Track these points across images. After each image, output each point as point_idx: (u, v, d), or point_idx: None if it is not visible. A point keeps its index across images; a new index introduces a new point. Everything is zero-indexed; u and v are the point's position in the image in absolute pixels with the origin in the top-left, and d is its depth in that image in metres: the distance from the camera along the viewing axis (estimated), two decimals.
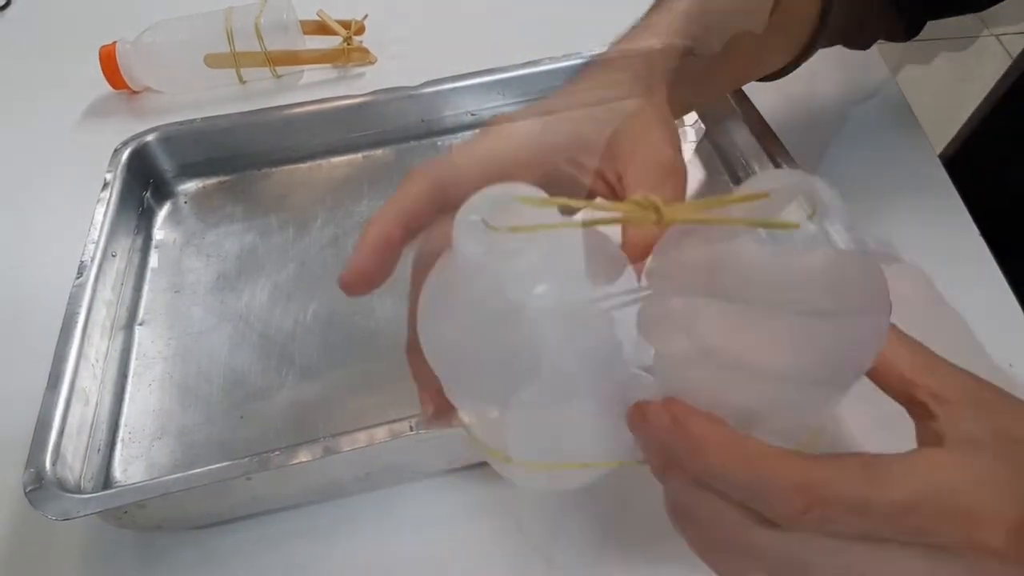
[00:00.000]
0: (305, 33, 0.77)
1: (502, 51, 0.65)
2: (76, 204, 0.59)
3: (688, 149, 0.63)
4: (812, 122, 0.63)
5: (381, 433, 0.41)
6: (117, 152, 0.60)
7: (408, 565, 0.42)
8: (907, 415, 0.27)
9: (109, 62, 0.72)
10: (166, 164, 0.63)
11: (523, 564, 0.41)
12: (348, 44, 0.75)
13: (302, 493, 0.44)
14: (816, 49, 0.50)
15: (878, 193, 0.57)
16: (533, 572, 0.41)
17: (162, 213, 0.62)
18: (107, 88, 0.74)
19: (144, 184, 0.61)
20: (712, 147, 0.62)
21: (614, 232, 0.28)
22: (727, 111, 0.59)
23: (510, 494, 0.43)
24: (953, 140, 0.77)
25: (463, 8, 0.82)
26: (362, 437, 0.41)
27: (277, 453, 0.40)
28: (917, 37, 0.54)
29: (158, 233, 0.60)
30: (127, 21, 0.75)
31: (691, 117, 0.64)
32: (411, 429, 0.40)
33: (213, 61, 0.72)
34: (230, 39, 0.72)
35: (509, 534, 0.42)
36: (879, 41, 0.56)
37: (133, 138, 0.61)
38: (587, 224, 0.23)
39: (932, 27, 0.56)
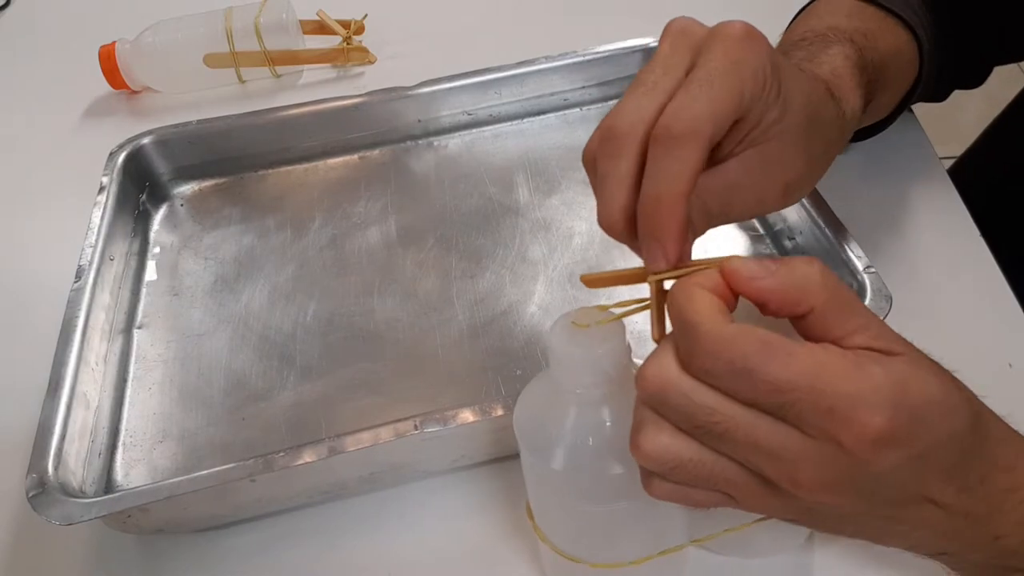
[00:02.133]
0: (305, 33, 0.77)
1: (502, 50, 0.65)
2: (75, 206, 0.59)
3: None
4: None
5: (386, 433, 0.41)
6: (113, 155, 0.60)
7: (411, 564, 0.42)
8: None
9: (108, 62, 0.72)
10: (162, 167, 0.63)
11: (525, 562, 0.41)
12: (347, 44, 0.75)
13: (305, 494, 0.44)
14: (910, 103, 0.51)
15: (879, 194, 0.57)
16: (535, 570, 0.41)
17: (159, 216, 0.62)
18: (107, 88, 0.74)
19: (140, 187, 0.61)
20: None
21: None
22: None
23: (513, 492, 0.44)
24: (957, 143, 0.77)
25: (462, 8, 0.82)
26: (366, 437, 0.41)
27: (281, 454, 0.40)
28: None
29: (155, 236, 0.60)
30: (127, 21, 0.75)
31: None
32: (415, 428, 0.41)
33: (212, 61, 0.72)
34: (230, 39, 0.72)
35: (512, 532, 0.42)
36: None
37: (128, 141, 0.61)
38: (621, 316, 0.30)
39: None
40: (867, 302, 0.44)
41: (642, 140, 0.30)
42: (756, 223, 0.56)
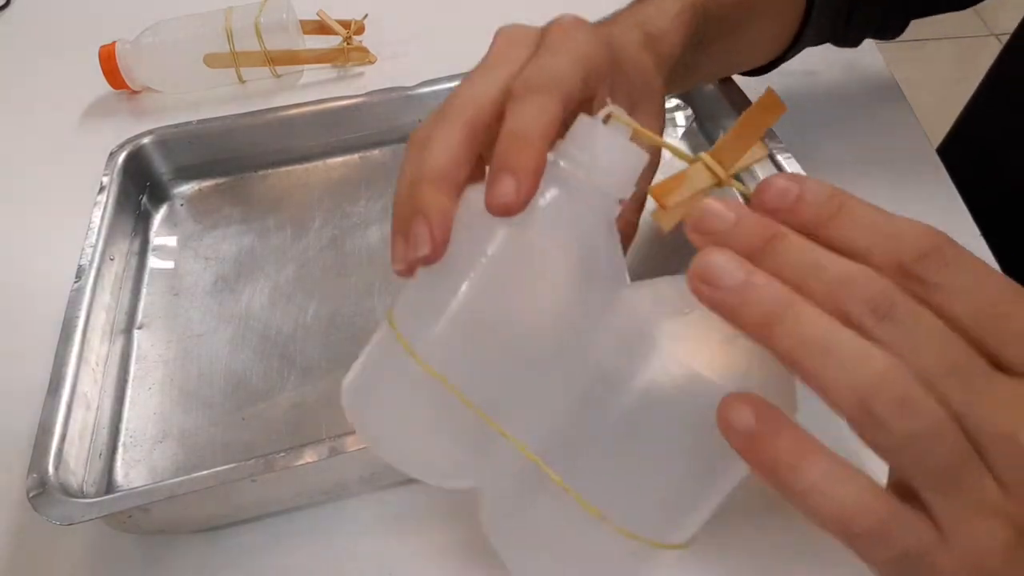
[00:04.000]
0: (305, 33, 0.77)
1: None
2: (75, 205, 0.59)
3: (677, 135, 0.64)
4: (809, 117, 0.63)
5: None
6: (113, 155, 0.60)
7: (411, 564, 0.42)
8: None
9: (109, 62, 0.72)
10: (162, 167, 0.63)
11: None
12: (348, 44, 0.75)
13: (306, 494, 0.44)
14: (803, 45, 0.51)
15: (875, 189, 0.57)
16: None
17: (159, 216, 0.62)
18: (107, 88, 0.74)
19: (140, 187, 0.61)
20: (702, 134, 0.63)
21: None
22: (715, 98, 0.59)
23: None
24: (948, 131, 0.77)
25: (462, 8, 0.82)
26: None
27: (282, 454, 0.40)
28: (919, 36, 0.54)
29: (155, 236, 0.60)
30: (127, 21, 0.75)
31: (678, 104, 0.65)
32: None
33: (212, 61, 0.72)
34: (230, 39, 0.72)
35: None
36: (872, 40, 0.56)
37: (128, 141, 0.61)
38: (665, 145, 0.30)
39: (933, 27, 0.55)
40: None
41: (479, 112, 0.32)
42: None
